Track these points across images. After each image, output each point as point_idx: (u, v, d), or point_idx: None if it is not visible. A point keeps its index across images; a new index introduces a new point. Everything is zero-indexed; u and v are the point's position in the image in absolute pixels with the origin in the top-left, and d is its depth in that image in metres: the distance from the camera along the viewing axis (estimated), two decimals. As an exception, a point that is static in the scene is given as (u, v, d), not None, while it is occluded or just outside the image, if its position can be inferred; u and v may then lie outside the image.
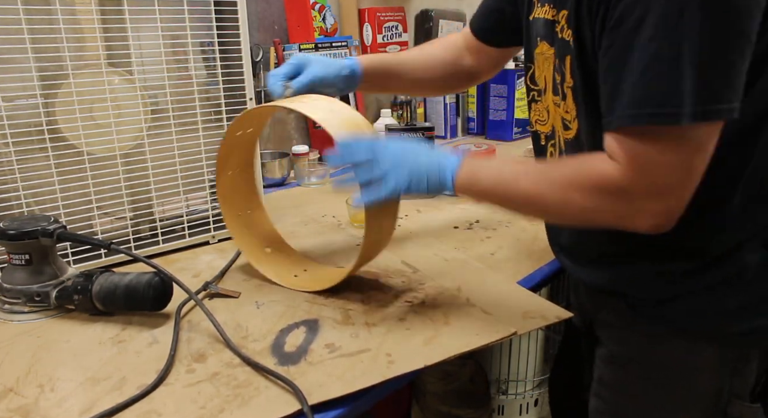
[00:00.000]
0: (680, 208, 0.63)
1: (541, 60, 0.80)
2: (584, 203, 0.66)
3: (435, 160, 0.74)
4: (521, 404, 1.59)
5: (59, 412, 0.64)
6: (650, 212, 0.63)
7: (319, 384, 0.68)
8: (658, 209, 0.63)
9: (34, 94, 0.90)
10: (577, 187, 0.66)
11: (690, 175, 0.61)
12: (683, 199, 0.62)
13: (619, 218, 0.65)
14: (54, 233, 0.84)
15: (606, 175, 0.64)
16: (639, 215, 0.64)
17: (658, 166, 0.61)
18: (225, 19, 1.05)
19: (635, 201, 0.63)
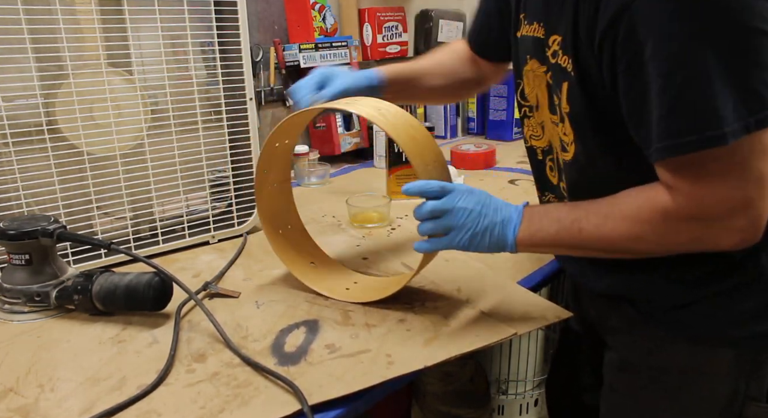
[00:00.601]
0: (763, 216, 0.61)
1: (531, 77, 0.79)
2: (658, 237, 0.65)
3: (499, 216, 0.74)
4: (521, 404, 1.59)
5: (59, 412, 0.64)
6: (734, 229, 0.61)
7: (319, 384, 0.68)
8: (741, 224, 0.61)
9: (34, 94, 0.90)
10: (644, 221, 0.65)
11: (759, 183, 0.59)
12: (762, 206, 0.60)
13: (700, 243, 0.64)
14: (54, 233, 0.84)
15: (669, 207, 0.63)
16: (722, 235, 0.62)
17: (721, 188, 0.60)
18: (225, 19, 1.05)
19: (713, 224, 0.62)
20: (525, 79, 0.82)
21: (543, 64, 0.75)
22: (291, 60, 1.67)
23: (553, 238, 0.71)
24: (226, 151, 1.11)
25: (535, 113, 0.82)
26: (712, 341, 0.73)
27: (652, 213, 0.64)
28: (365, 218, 1.21)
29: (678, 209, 0.62)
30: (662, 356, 0.76)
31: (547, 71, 0.74)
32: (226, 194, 1.14)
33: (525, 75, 0.81)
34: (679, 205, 0.62)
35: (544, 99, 0.78)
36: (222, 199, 1.14)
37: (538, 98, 0.80)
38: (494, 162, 1.70)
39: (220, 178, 1.13)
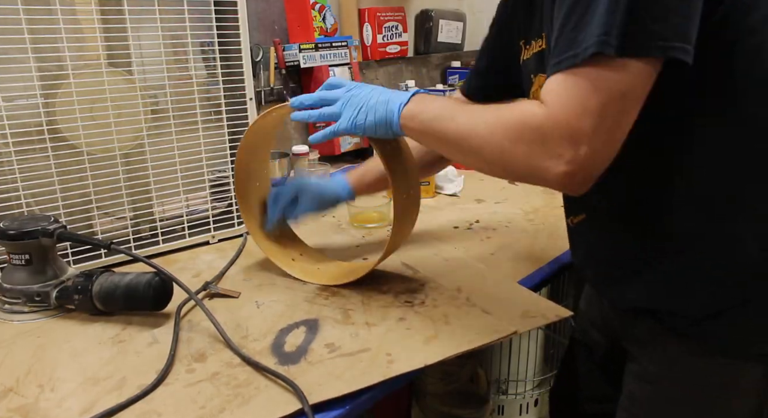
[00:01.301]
0: (593, 161, 0.61)
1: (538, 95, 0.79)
2: (503, 141, 0.65)
3: (387, 96, 0.77)
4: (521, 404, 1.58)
5: (59, 412, 0.64)
6: (561, 158, 0.60)
7: (319, 384, 0.68)
8: (568, 155, 0.60)
9: (34, 94, 0.90)
10: (502, 124, 0.65)
11: (603, 123, 0.59)
12: (597, 152, 0.60)
13: (530, 162, 0.63)
14: (54, 233, 0.84)
15: (528, 113, 0.63)
16: (550, 161, 0.61)
17: (576, 107, 0.59)
18: (225, 19, 1.05)
19: (548, 143, 0.61)
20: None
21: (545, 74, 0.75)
22: (291, 60, 1.67)
23: (431, 121, 0.73)
24: (226, 151, 1.11)
25: None
26: (739, 356, 0.71)
27: (510, 118, 0.65)
28: (365, 218, 1.21)
29: (530, 119, 0.62)
30: (686, 369, 0.74)
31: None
32: (226, 194, 1.14)
33: (533, 97, 0.81)
34: (533, 114, 0.62)
35: None
36: (222, 199, 1.14)
37: None
38: (494, 162, 1.69)
39: (220, 178, 1.13)
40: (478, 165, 0.72)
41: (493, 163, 0.68)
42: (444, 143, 0.73)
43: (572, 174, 0.61)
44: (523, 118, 0.63)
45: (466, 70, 2.11)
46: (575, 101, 0.59)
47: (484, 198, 1.39)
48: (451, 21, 2.19)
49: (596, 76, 0.58)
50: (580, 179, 0.62)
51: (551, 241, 1.11)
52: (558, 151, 0.60)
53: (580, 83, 0.59)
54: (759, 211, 0.66)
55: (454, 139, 0.70)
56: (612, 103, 0.59)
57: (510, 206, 1.32)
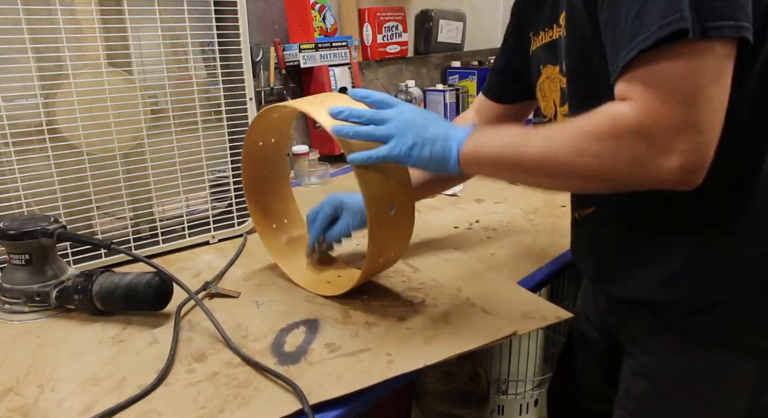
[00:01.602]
0: (706, 147, 0.57)
1: (547, 86, 0.78)
2: (600, 151, 0.60)
3: (444, 130, 0.71)
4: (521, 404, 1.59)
5: (59, 412, 0.64)
6: (675, 150, 0.56)
7: (319, 384, 0.68)
8: (683, 147, 0.56)
9: (34, 94, 0.90)
10: (591, 135, 0.60)
11: (708, 108, 0.56)
12: (708, 140, 0.57)
13: (639, 164, 0.59)
14: (54, 233, 0.84)
15: (620, 115, 0.59)
16: (662, 158, 0.57)
17: (672, 98, 0.56)
18: (225, 19, 1.05)
19: (656, 140, 0.57)
20: (540, 93, 0.81)
21: (556, 64, 0.75)
22: (291, 60, 1.67)
23: (500, 153, 0.68)
24: (226, 151, 1.11)
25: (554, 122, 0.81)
26: (733, 350, 0.71)
27: (599, 125, 0.60)
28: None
29: (625, 120, 0.59)
30: (682, 363, 0.75)
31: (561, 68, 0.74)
32: (226, 194, 1.14)
33: (540, 88, 0.80)
34: (627, 115, 0.58)
35: (559, 101, 0.77)
36: (222, 199, 1.14)
37: (554, 105, 0.79)
38: (494, 162, 1.69)
39: (220, 178, 1.13)
40: (570, 184, 0.69)
41: (590, 179, 0.63)
42: (521, 172, 0.68)
43: (689, 166, 0.57)
44: (616, 122, 0.59)
45: (466, 70, 2.11)
46: (668, 87, 0.56)
47: (484, 198, 1.39)
48: (451, 21, 2.19)
49: (680, 58, 0.55)
50: (697, 169, 0.58)
51: (551, 241, 1.11)
52: (669, 145, 0.57)
53: (664, 68, 0.56)
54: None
55: (534, 165, 0.65)
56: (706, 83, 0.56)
57: (510, 206, 1.32)
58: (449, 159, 0.71)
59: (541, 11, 0.79)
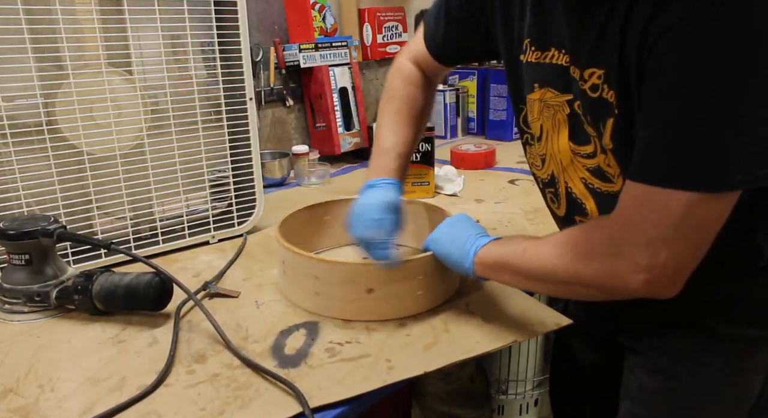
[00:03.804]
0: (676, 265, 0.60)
1: (537, 106, 0.77)
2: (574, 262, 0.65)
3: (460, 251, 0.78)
4: (521, 404, 1.58)
5: (59, 412, 0.64)
6: (639, 266, 0.60)
7: (319, 388, 0.68)
8: (644, 262, 0.59)
9: (34, 94, 0.90)
10: (570, 244, 0.65)
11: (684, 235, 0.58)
12: (679, 256, 0.59)
13: (606, 275, 0.63)
14: (54, 233, 0.84)
15: (596, 226, 0.63)
16: (627, 272, 0.60)
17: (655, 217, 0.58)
18: (225, 19, 1.05)
19: (621, 251, 0.61)
20: (528, 107, 0.80)
21: (567, 92, 0.72)
22: (291, 60, 1.67)
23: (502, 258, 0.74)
24: (226, 151, 1.11)
25: (536, 144, 0.80)
26: (749, 341, 0.72)
27: (575, 236, 0.65)
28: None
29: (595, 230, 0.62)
30: (698, 357, 0.75)
31: (573, 100, 0.71)
32: (226, 194, 1.14)
33: (529, 102, 0.79)
34: (600, 226, 0.62)
35: (555, 130, 0.75)
36: (222, 199, 1.14)
37: (542, 129, 0.77)
38: (494, 162, 1.70)
39: (220, 178, 1.13)
40: (561, 291, 0.72)
41: (571, 284, 0.67)
42: (519, 277, 0.73)
43: (654, 281, 0.60)
44: (590, 233, 0.62)
45: (466, 70, 2.11)
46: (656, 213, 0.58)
47: (484, 198, 1.39)
48: (451, 21, 2.18)
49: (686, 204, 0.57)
50: (665, 284, 0.61)
51: (551, 241, 1.10)
52: (633, 260, 0.59)
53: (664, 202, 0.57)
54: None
55: (526, 272, 0.71)
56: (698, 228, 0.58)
57: (510, 206, 1.32)
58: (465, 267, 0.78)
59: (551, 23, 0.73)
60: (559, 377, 1.11)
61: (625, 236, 0.60)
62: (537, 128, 0.79)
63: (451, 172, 1.49)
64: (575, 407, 1.06)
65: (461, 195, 1.42)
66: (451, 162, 1.65)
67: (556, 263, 0.67)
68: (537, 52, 0.75)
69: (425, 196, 1.39)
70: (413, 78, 0.98)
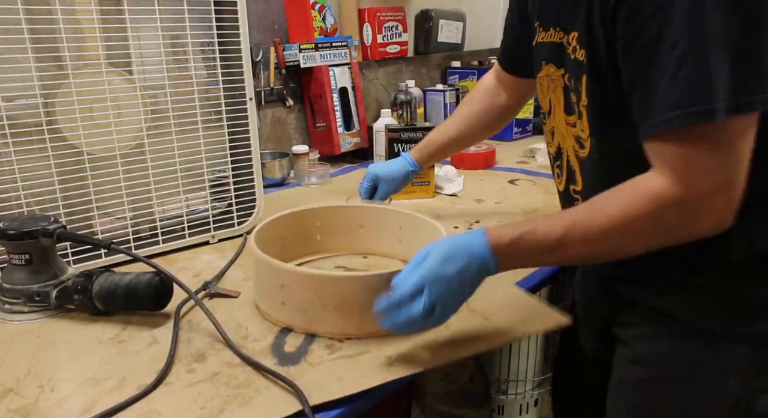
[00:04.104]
0: (738, 199, 0.62)
1: (545, 83, 0.81)
2: (649, 229, 0.64)
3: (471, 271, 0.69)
4: (521, 404, 1.59)
5: (59, 412, 0.64)
6: (714, 210, 0.62)
7: (319, 385, 0.68)
8: (720, 206, 0.61)
9: (34, 94, 0.90)
10: (636, 218, 0.64)
11: (739, 166, 0.60)
12: (739, 189, 0.61)
13: (684, 227, 0.64)
14: (54, 233, 0.84)
15: (660, 192, 0.62)
16: (703, 217, 0.62)
17: (708, 167, 0.60)
18: (225, 19, 1.05)
19: (696, 205, 0.62)
20: (539, 86, 0.84)
21: (560, 67, 0.76)
22: (291, 60, 1.67)
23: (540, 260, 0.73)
24: (226, 151, 1.11)
25: (548, 119, 0.85)
26: (725, 336, 0.73)
27: (642, 206, 0.63)
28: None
29: (666, 196, 0.62)
30: (677, 350, 0.76)
31: (564, 73, 0.76)
32: (226, 194, 1.14)
33: (539, 82, 0.83)
34: (666, 190, 0.62)
35: (558, 102, 0.79)
36: (222, 199, 1.14)
37: (551, 103, 0.82)
38: (494, 162, 1.70)
39: (220, 178, 1.13)
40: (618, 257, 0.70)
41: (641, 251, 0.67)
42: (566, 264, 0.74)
43: (725, 219, 0.62)
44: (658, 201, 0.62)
45: (466, 70, 2.11)
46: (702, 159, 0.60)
47: (484, 198, 1.39)
48: (451, 21, 2.19)
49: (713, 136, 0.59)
50: (730, 218, 0.63)
51: (551, 241, 1.10)
52: (707, 207, 0.62)
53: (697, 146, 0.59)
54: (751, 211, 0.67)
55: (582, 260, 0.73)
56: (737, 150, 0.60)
57: (510, 206, 1.32)
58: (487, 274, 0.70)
59: (550, 3, 0.79)
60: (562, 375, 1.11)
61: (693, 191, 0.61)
62: (546, 104, 0.84)
63: (451, 172, 1.49)
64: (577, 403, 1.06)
65: (461, 195, 1.42)
66: (451, 162, 1.65)
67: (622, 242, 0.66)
68: (542, 32, 0.81)
69: (425, 196, 1.39)
70: (482, 84, 1.14)
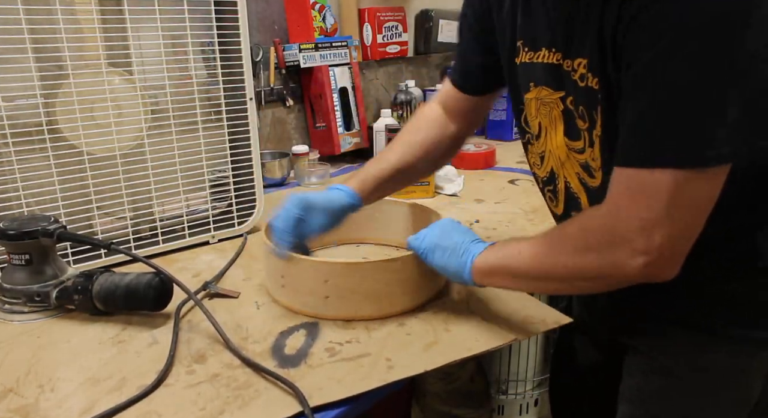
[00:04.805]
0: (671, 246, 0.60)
1: (535, 104, 0.78)
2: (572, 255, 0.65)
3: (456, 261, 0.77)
4: (521, 404, 1.58)
5: (59, 412, 0.64)
6: (636, 250, 0.60)
7: (319, 387, 0.68)
8: (642, 246, 0.59)
9: (34, 94, 0.90)
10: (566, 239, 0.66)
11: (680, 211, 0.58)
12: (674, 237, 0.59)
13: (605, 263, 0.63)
14: (54, 233, 0.84)
15: (588, 217, 0.64)
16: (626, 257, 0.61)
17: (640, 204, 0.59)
18: (225, 19, 1.05)
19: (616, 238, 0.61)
20: (526, 107, 0.80)
21: (559, 90, 0.73)
22: (291, 60, 1.67)
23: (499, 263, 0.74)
24: (226, 151, 1.11)
25: (536, 142, 0.82)
26: (748, 343, 0.72)
27: (570, 230, 0.66)
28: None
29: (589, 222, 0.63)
30: (701, 358, 0.75)
31: (565, 97, 0.72)
32: (226, 194, 1.14)
33: (527, 103, 0.80)
34: (592, 217, 0.63)
35: (553, 126, 0.76)
36: (222, 199, 1.14)
37: (540, 126, 0.79)
38: (494, 162, 1.70)
39: (220, 178, 1.13)
40: (562, 288, 0.73)
41: (571, 280, 0.68)
42: (519, 280, 0.73)
43: (653, 264, 0.60)
44: (584, 224, 0.63)
45: (466, 70, 2.11)
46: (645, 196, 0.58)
47: (484, 198, 1.39)
48: (451, 21, 2.19)
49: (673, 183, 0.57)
50: (664, 265, 0.61)
51: (551, 241, 1.10)
52: (630, 245, 0.60)
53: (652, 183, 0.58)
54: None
55: (526, 273, 0.71)
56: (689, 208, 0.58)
57: (510, 206, 1.32)
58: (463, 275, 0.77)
59: (538, 23, 0.75)
60: (559, 378, 1.11)
61: (618, 223, 0.61)
62: (535, 126, 0.80)
63: (451, 172, 1.49)
64: (574, 409, 1.06)
65: (461, 195, 1.42)
66: (451, 162, 1.65)
67: (554, 260, 0.67)
68: (530, 52, 0.77)
69: (425, 197, 1.39)
70: (425, 115, 1.00)
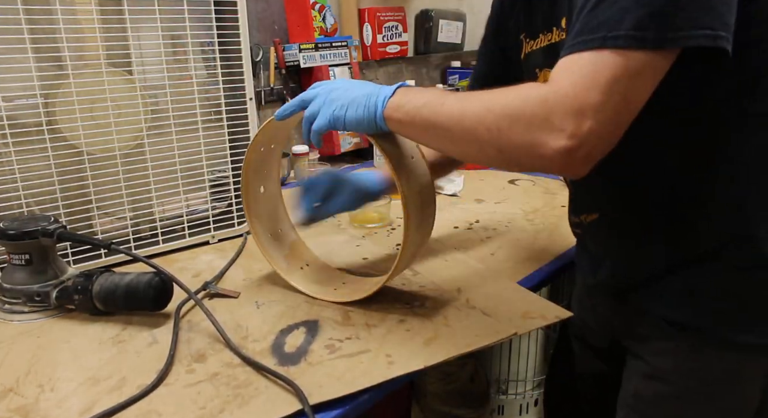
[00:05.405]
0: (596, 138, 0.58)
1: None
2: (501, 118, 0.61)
3: (369, 89, 0.74)
4: (521, 404, 1.59)
5: (59, 412, 0.64)
6: (563, 131, 0.57)
7: (319, 385, 0.68)
8: (571, 128, 0.57)
9: (34, 94, 0.90)
10: (501, 100, 0.62)
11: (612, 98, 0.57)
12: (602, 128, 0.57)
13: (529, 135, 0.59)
14: (54, 233, 0.84)
15: (532, 87, 0.61)
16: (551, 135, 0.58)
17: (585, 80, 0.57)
18: (225, 19, 1.05)
19: (551, 115, 0.58)
20: None
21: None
22: (291, 60, 1.67)
23: (418, 110, 0.68)
24: (226, 151, 1.11)
25: None
26: (750, 350, 0.71)
27: (509, 95, 0.62)
28: (365, 218, 1.21)
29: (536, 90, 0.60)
30: (698, 364, 0.74)
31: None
32: (226, 194, 1.14)
33: None
34: (536, 87, 0.60)
35: None
36: (222, 199, 1.14)
37: None
38: (494, 162, 1.69)
39: (220, 178, 1.13)
40: (471, 151, 0.67)
41: (488, 145, 0.63)
42: (433, 131, 0.68)
43: (573, 150, 0.58)
44: (526, 93, 0.60)
45: (466, 70, 2.11)
46: (584, 75, 0.57)
47: (484, 198, 1.39)
48: (451, 21, 2.19)
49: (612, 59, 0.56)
50: (581, 157, 0.59)
51: (551, 241, 1.11)
52: (560, 125, 0.57)
53: (592, 61, 0.57)
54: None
55: (444, 124, 0.66)
56: (623, 81, 0.56)
57: (510, 206, 1.32)
58: (375, 115, 0.72)
59: (536, 14, 0.79)
60: (556, 384, 1.10)
61: (557, 100, 0.58)
62: None
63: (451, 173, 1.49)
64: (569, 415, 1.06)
65: (461, 195, 1.42)
66: (451, 162, 1.65)
67: (480, 118, 0.63)
68: (531, 42, 0.79)
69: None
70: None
